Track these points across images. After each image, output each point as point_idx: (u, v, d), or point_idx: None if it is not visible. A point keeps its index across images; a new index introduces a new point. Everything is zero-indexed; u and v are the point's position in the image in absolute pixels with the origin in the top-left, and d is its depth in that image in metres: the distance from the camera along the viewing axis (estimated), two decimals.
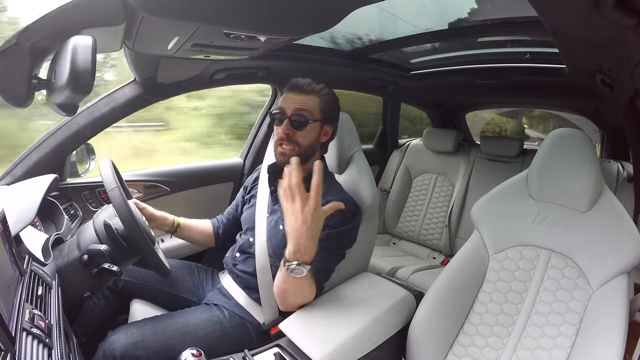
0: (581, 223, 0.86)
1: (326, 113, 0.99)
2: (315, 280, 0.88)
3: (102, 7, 0.72)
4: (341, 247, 0.96)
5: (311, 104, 0.97)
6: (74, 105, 0.69)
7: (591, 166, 0.84)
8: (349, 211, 0.95)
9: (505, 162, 2.00)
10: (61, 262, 0.84)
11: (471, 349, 0.89)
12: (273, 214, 1.05)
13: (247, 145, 1.78)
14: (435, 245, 2.09)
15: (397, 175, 2.30)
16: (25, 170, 1.15)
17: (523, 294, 0.89)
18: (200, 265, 1.23)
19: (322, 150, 1.06)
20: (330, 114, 1.00)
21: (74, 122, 1.21)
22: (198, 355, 0.67)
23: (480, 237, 0.96)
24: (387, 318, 0.91)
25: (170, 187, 1.53)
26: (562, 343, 0.81)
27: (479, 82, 1.88)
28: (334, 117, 1.03)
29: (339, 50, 1.61)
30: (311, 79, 1.01)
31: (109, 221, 0.88)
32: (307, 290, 0.88)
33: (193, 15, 0.76)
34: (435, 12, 1.30)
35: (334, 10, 0.91)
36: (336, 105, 1.03)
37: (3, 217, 0.63)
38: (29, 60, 0.65)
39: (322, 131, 1.01)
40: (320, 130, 1.00)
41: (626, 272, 0.79)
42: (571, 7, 0.67)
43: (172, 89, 1.38)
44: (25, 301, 0.59)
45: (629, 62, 0.82)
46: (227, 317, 0.98)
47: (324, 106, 0.99)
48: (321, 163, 0.84)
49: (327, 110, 0.99)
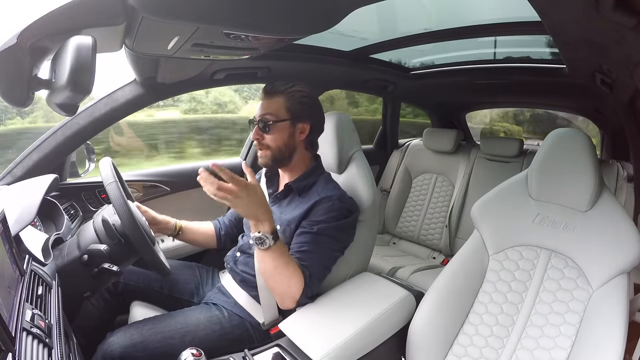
0: (581, 223, 0.86)
1: (294, 111, 0.97)
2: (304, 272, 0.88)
3: (102, 7, 0.71)
4: (335, 243, 0.95)
5: (275, 105, 0.97)
6: (74, 105, 0.69)
7: (591, 166, 0.84)
8: (345, 208, 0.96)
9: (505, 162, 1.99)
10: (61, 262, 0.84)
11: (471, 348, 0.89)
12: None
13: (247, 146, 1.78)
14: (435, 245, 2.09)
15: (397, 175, 2.30)
16: (25, 170, 1.15)
17: (523, 294, 0.89)
18: (200, 265, 1.23)
19: (310, 148, 1.04)
20: (299, 110, 0.98)
21: (74, 122, 1.21)
22: (198, 355, 0.67)
23: (480, 237, 0.96)
24: (387, 318, 0.91)
25: (170, 187, 1.53)
26: (562, 343, 0.81)
27: (479, 82, 1.88)
28: (307, 113, 0.99)
29: (339, 50, 1.61)
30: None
31: (108, 218, 0.88)
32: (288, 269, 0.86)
33: (193, 15, 0.76)
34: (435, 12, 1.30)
35: (334, 10, 0.91)
36: (307, 99, 1.00)
37: (3, 217, 0.63)
38: (29, 60, 0.65)
39: (296, 129, 0.99)
40: (292, 128, 0.98)
41: (626, 272, 0.79)
42: (571, 7, 0.67)
43: (172, 89, 1.38)
44: (25, 301, 0.59)
45: (629, 62, 0.82)
46: (227, 317, 0.98)
47: (291, 104, 0.97)
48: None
49: (295, 107, 0.97)
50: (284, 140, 0.98)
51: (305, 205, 0.96)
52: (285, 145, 0.98)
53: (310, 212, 0.95)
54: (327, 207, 0.94)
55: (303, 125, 0.99)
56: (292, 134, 0.99)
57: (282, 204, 1.05)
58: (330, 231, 0.93)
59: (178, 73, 1.28)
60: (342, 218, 0.95)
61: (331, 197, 0.95)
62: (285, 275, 0.87)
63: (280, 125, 0.97)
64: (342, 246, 0.98)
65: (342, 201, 0.96)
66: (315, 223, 0.93)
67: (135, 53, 0.98)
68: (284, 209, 1.03)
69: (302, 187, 1.01)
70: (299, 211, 0.97)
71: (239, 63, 1.31)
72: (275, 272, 0.87)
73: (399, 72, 1.93)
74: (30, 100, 0.68)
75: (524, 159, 1.93)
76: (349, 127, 1.14)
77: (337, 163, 1.13)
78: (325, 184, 1.01)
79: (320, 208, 0.94)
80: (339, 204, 0.95)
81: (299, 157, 1.02)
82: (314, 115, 1.02)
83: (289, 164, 1.02)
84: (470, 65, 1.76)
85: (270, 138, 0.97)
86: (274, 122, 0.96)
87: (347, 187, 1.04)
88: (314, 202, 0.95)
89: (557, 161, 0.89)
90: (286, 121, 0.97)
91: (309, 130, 1.00)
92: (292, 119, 0.98)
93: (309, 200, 0.97)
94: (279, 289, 0.89)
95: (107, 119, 1.26)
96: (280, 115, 0.97)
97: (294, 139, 0.99)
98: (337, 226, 0.94)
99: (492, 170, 2.00)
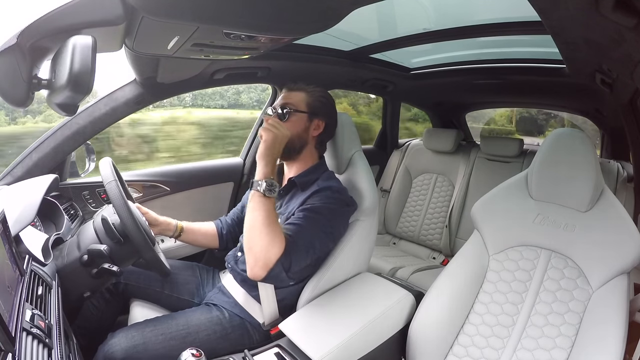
0: (581, 223, 0.86)
1: (313, 106, 1.03)
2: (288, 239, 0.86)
3: (102, 7, 0.71)
4: (326, 223, 0.93)
5: (297, 98, 1.03)
6: (74, 105, 0.69)
7: (591, 166, 0.84)
8: (341, 199, 0.97)
9: (505, 162, 2.00)
10: (61, 262, 0.84)
11: (471, 349, 0.89)
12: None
13: (247, 145, 1.78)
14: (435, 246, 2.09)
15: (397, 175, 2.31)
16: (25, 170, 1.15)
17: (523, 294, 0.89)
18: (201, 265, 1.23)
19: (319, 147, 1.07)
20: (318, 107, 1.03)
21: (74, 122, 1.21)
22: (198, 355, 0.67)
23: (481, 237, 0.96)
24: (387, 318, 0.91)
25: (170, 187, 1.53)
26: (562, 343, 0.81)
27: (479, 82, 1.88)
28: (324, 112, 1.04)
29: (339, 50, 1.61)
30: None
31: (108, 217, 0.88)
32: (275, 227, 0.85)
33: (193, 15, 0.76)
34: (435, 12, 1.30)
35: (334, 10, 0.91)
36: (326, 100, 1.05)
37: (3, 217, 0.63)
38: (29, 60, 0.65)
39: (312, 124, 1.03)
40: (309, 122, 1.02)
41: (626, 272, 0.79)
42: (571, 7, 0.67)
43: (172, 89, 1.38)
44: (25, 301, 0.59)
45: (629, 62, 0.82)
46: (228, 318, 0.98)
47: (310, 100, 1.03)
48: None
49: (314, 103, 1.03)
50: (299, 131, 1.01)
51: (304, 195, 0.98)
52: (299, 136, 1.02)
53: (307, 200, 0.97)
54: (324, 195, 0.95)
55: (319, 121, 1.04)
56: (307, 127, 1.03)
57: (284, 200, 1.06)
58: (322, 210, 0.93)
59: (178, 73, 1.28)
60: (339, 205, 0.96)
61: (330, 187, 0.97)
62: (271, 232, 0.84)
63: (299, 115, 1.02)
64: (333, 232, 0.96)
65: (340, 192, 0.98)
66: (308, 204, 0.94)
67: (135, 53, 0.98)
68: (286, 203, 1.04)
69: (304, 182, 1.02)
70: (297, 201, 0.99)
71: (239, 63, 1.31)
72: (264, 224, 0.84)
73: (399, 72, 1.93)
74: (30, 100, 0.68)
75: (524, 159, 1.93)
76: (350, 127, 1.14)
77: (337, 163, 1.13)
78: (326, 179, 1.02)
79: (317, 196, 0.96)
80: (336, 194, 0.96)
81: (307, 152, 1.05)
82: (330, 115, 1.07)
83: (297, 157, 1.04)
84: (470, 65, 1.76)
85: (287, 125, 0.99)
86: (293, 110, 1.01)
87: (347, 187, 1.04)
88: (312, 192, 0.97)
89: (557, 161, 0.89)
90: (304, 113, 1.02)
91: (323, 128, 1.04)
92: (310, 113, 1.03)
93: (309, 191, 0.99)
94: (259, 246, 0.84)
95: (107, 119, 1.26)
96: (300, 107, 1.02)
97: (307, 132, 1.03)
98: (331, 209, 0.94)
99: (492, 170, 2.00)
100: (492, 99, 2.52)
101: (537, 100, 2.40)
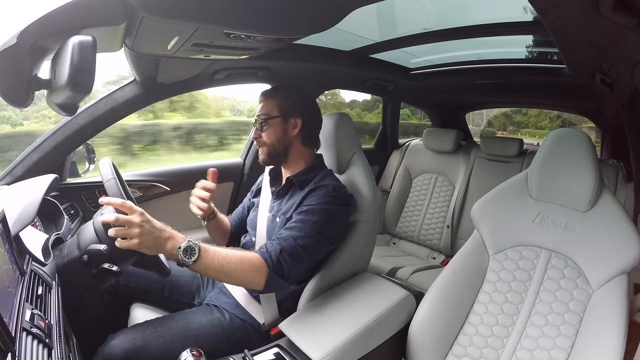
0: (581, 223, 0.86)
1: (284, 107, 1.04)
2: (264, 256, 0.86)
3: (102, 7, 0.71)
4: (325, 228, 0.93)
5: (268, 106, 1.05)
6: (74, 105, 0.69)
7: (591, 166, 0.84)
8: (338, 197, 0.97)
9: (505, 162, 2.00)
10: (61, 262, 0.84)
11: (471, 349, 0.89)
12: (271, 211, 1.06)
13: (247, 146, 1.78)
14: (435, 246, 2.09)
15: (397, 175, 2.31)
16: (25, 170, 1.15)
17: (523, 294, 0.89)
18: None
19: (308, 143, 1.06)
20: (290, 107, 1.04)
21: (74, 122, 1.21)
22: (198, 355, 0.67)
23: (480, 237, 0.96)
24: (387, 318, 0.91)
25: (170, 187, 1.53)
26: (561, 343, 0.81)
27: (479, 82, 1.88)
28: (298, 109, 1.04)
29: (339, 50, 1.61)
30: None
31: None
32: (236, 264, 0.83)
33: (193, 15, 0.76)
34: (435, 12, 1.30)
35: (334, 10, 0.91)
36: (298, 98, 1.06)
37: (3, 217, 0.63)
38: (29, 60, 0.65)
39: (288, 125, 1.04)
40: (284, 124, 1.03)
41: (626, 272, 0.79)
42: (571, 7, 0.67)
43: (172, 89, 1.38)
44: (25, 301, 0.59)
45: (629, 62, 0.82)
46: (228, 320, 0.98)
47: (280, 102, 1.04)
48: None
49: (284, 104, 1.04)
50: (278, 136, 1.03)
51: (302, 194, 0.99)
52: (279, 140, 1.03)
53: (304, 199, 0.97)
54: (321, 194, 0.95)
55: (295, 120, 1.04)
56: (285, 129, 1.04)
57: (283, 199, 1.06)
58: (319, 212, 0.93)
59: (178, 73, 1.28)
60: (335, 204, 0.96)
61: (326, 185, 0.97)
62: (240, 270, 0.83)
63: (273, 122, 1.03)
64: (331, 233, 0.96)
65: (337, 191, 0.98)
66: (305, 206, 0.95)
67: (135, 53, 0.98)
68: (285, 203, 1.04)
69: (302, 180, 1.02)
70: (295, 200, 0.99)
71: (239, 63, 1.31)
72: (229, 273, 0.82)
73: (399, 72, 1.93)
74: (30, 100, 0.68)
75: (524, 159, 1.94)
76: (349, 127, 1.14)
77: (337, 163, 1.13)
78: (323, 177, 1.02)
79: (314, 195, 0.96)
80: (333, 192, 0.96)
81: (295, 152, 1.05)
82: (306, 110, 1.07)
83: (286, 159, 1.06)
84: (470, 65, 1.75)
85: (265, 135, 1.04)
86: (266, 119, 1.04)
87: (347, 187, 1.04)
88: (309, 190, 0.98)
89: (557, 161, 0.89)
90: (277, 118, 1.03)
91: (301, 125, 1.04)
92: (283, 115, 1.03)
93: (306, 189, 0.99)
94: (243, 282, 0.88)
95: (107, 119, 1.26)
96: (272, 113, 1.04)
97: (287, 134, 1.04)
98: (328, 210, 0.94)
99: (492, 170, 2.00)
100: (492, 99, 2.52)
101: (537, 100, 2.40)
